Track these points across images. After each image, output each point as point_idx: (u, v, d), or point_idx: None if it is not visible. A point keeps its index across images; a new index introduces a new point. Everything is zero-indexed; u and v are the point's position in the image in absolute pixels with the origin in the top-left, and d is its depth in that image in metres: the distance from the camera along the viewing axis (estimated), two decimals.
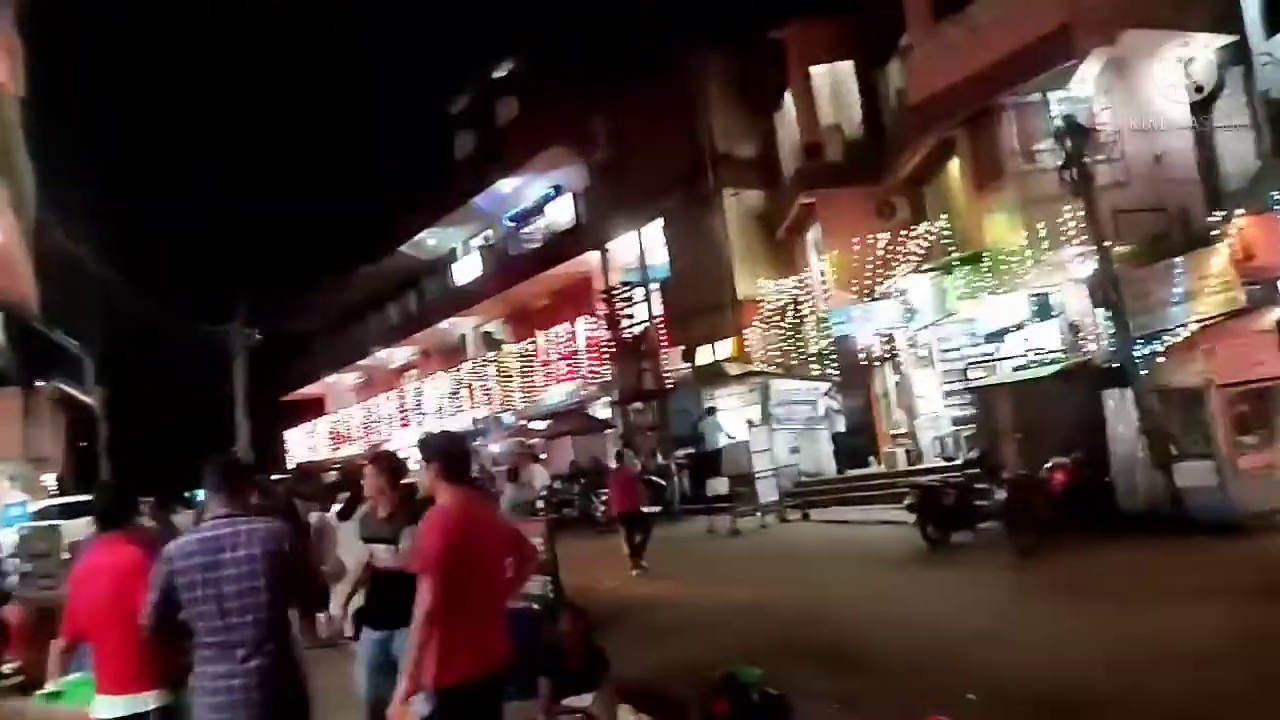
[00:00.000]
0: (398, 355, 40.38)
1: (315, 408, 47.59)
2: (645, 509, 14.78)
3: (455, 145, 34.41)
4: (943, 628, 8.49)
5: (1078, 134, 12.50)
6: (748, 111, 23.09)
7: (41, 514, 17.88)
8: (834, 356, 20.16)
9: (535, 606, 7.26)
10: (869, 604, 9.91)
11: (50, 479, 21.05)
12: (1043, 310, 15.98)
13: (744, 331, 22.34)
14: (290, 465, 40.53)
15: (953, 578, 10.77)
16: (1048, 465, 11.45)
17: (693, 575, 13.24)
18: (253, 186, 74.22)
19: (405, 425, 36.23)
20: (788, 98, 21.31)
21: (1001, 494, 11.65)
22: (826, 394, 20.06)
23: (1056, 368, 13.15)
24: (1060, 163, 12.81)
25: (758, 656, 8.40)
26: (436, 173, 34.06)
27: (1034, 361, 14.91)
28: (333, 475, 25.35)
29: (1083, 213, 12.93)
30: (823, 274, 20.43)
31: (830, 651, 8.15)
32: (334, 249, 40.65)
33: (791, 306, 21.19)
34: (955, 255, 16.77)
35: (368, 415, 39.44)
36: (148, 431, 32.33)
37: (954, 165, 17.74)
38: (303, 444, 45.50)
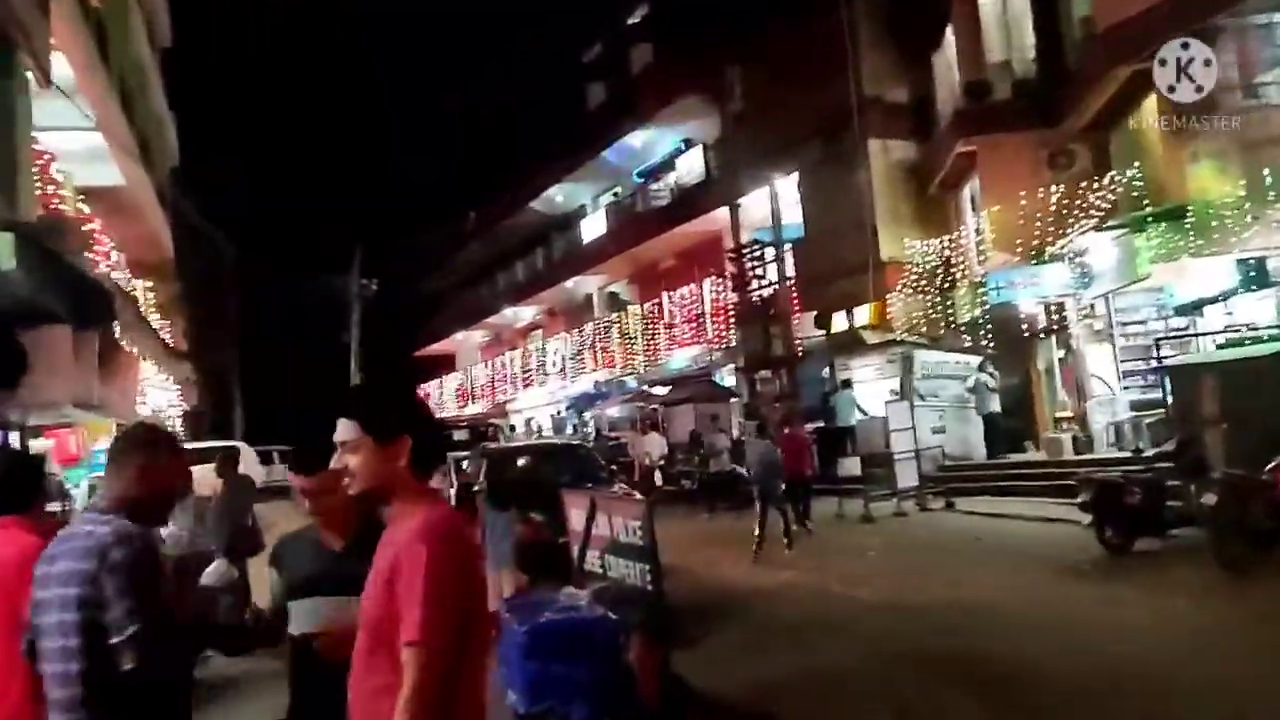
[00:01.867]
0: (524, 313, 39.90)
1: (447, 364, 47.83)
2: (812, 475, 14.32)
3: (587, 96, 33.15)
4: (1128, 656, 6.70)
5: None
6: (901, 51, 20.70)
7: None
8: (989, 326, 17.83)
9: (612, 615, 5.68)
10: (1032, 619, 8.06)
11: (175, 424, 21.03)
12: (1256, 277, 13.34)
13: (886, 297, 20.18)
14: None
15: (1140, 593, 8.71)
16: (1272, 464, 9.14)
17: (820, 565, 11.57)
18: (381, 140, 75.05)
19: (528, 385, 35.70)
20: (948, 33, 18.87)
21: (1208, 495, 9.43)
22: (981, 368, 17.77)
23: None
24: None
25: (894, 674, 6.88)
26: (567, 125, 32.93)
27: (1247, 338, 12.36)
28: (463, 433, 24.89)
29: None
30: (980, 233, 18.11)
31: (983, 675, 6.53)
32: (464, 203, 40.17)
33: (942, 269, 18.89)
34: (1149, 210, 14.23)
35: (493, 373, 39.14)
36: (278, 384, 32.85)
37: (1149, 104, 15.09)
38: (433, 400, 45.88)
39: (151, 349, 13.28)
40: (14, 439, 6.81)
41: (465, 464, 13.07)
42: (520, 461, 12.00)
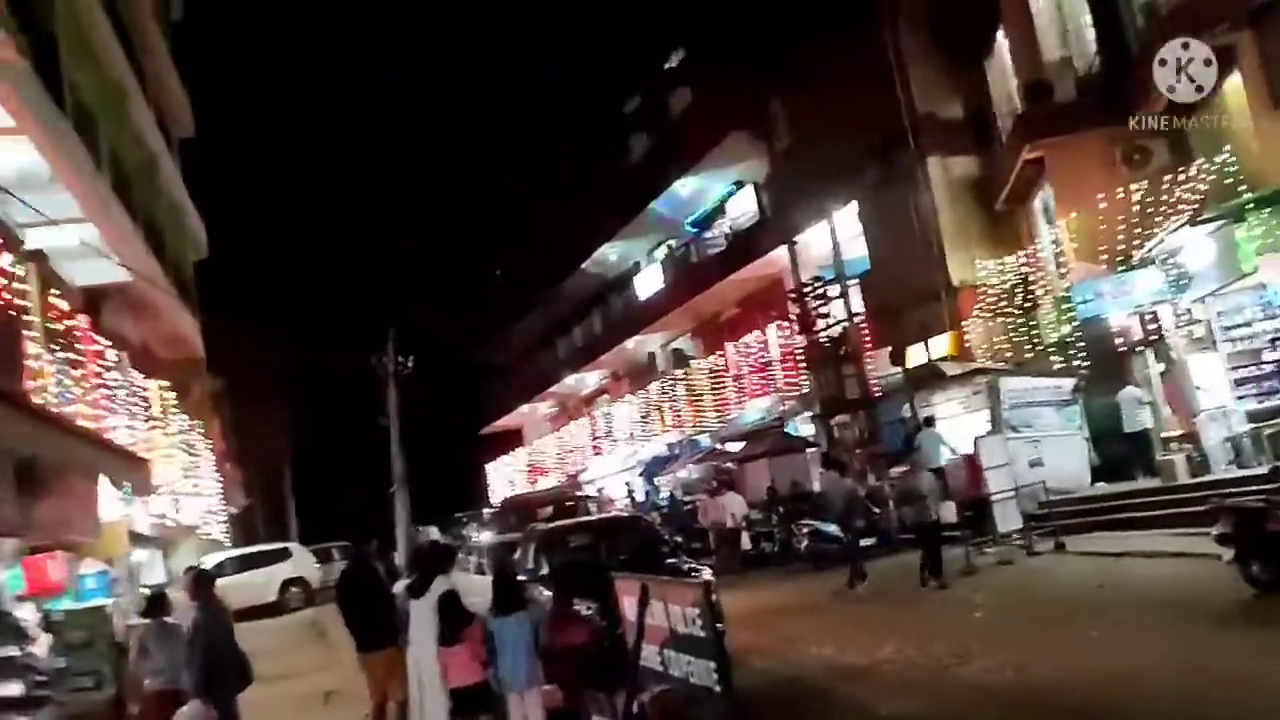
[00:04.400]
0: (588, 380, 39.06)
1: (514, 439, 47.15)
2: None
3: (631, 148, 32.62)
4: None
5: None
6: (951, 62, 19.58)
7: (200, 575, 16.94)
8: (1080, 344, 16.30)
9: None
10: (1191, 692, 6.55)
11: (218, 530, 20.45)
12: None
13: (963, 324, 18.79)
14: (495, 500, 40.00)
15: None
16: None
17: (921, 632, 10.11)
18: (424, 216, 75.69)
19: (598, 453, 34.70)
20: (999, 36, 17.71)
21: None
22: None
23: None
24: None
25: None
26: (614, 181, 32.40)
27: None
28: (548, 509, 23.75)
29: None
30: (1058, 244, 16.70)
31: None
32: (517, 271, 39.92)
33: (1021, 288, 17.50)
34: (1248, 197, 12.71)
35: (562, 444, 38.29)
36: (330, 476, 32.42)
37: (1233, 82, 13.66)
38: (503, 478, 45.15)
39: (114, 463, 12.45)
40: None
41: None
42: (572, 542, 10.87)
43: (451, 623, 7.17)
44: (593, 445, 35.12)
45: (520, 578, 9.60)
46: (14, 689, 8.10)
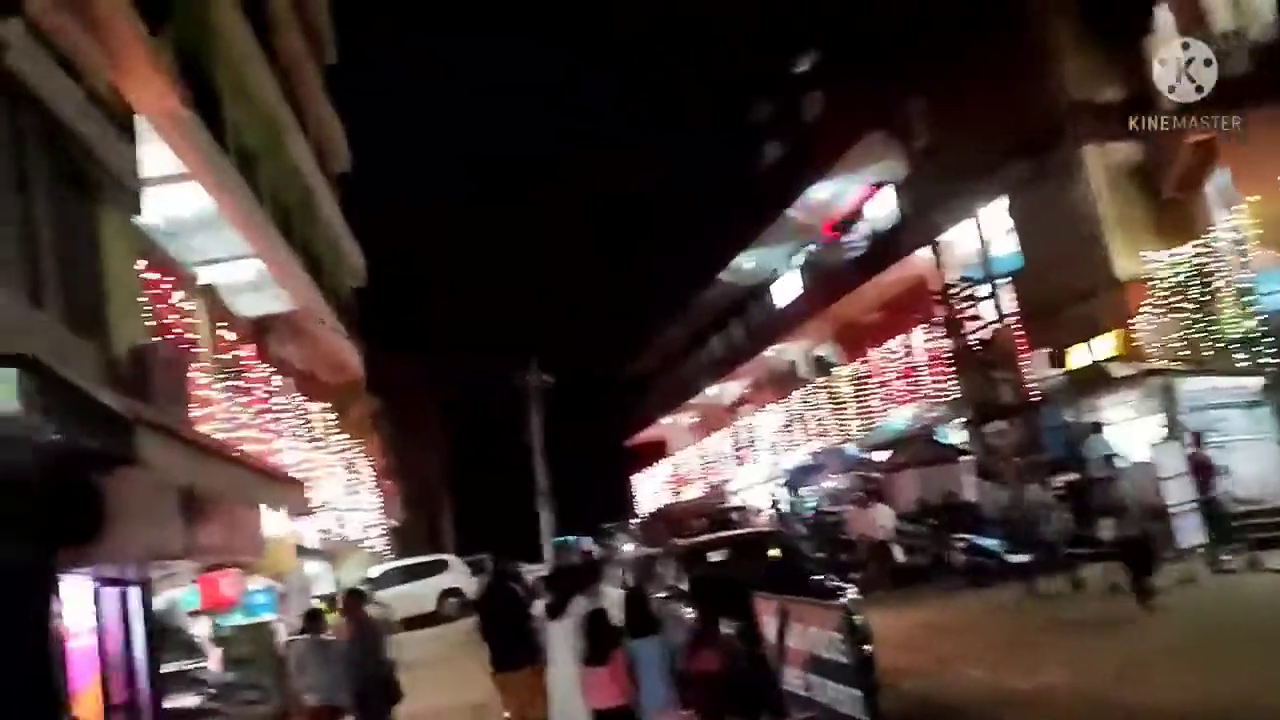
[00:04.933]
0: (729, 390, 38.69)
1: (658, 450, 47.29)
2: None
3: (764, 155, 32.23)
4: None
5: None
6: (1106, 44, 18.31)
7: (367, 584, 17.25)
8: (1269, 339, 14.93)
9: None
10: None
11: (379, 543, 21.13)
12: None
13: (1130, 321, 17.51)
14: (641, 510, 40.20)
15: None
16: None
17: (1091, 656, 9.38)
18: (564, 229, 77.41)
19: (741, 464, 34.26)
20: (1160, 13, 16.45)
21: None
22: None
23: None
24: None
25: None
26: (748, 189, 32.09)
27: None
28: (699, 521, 23.42)
29: None
30: (1237, 231, 15.36)
31: None
32: (656, 285, 40.13)
33: (1196, 280, 16.19)
34: None
35: (703, 455, 38.08)
36: (479, 490, 33.26)
37: None
38: (648, 488, 45.28)
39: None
40: (134, 594, 6.20)
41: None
42: (712, 557, 10.58)
43: (597, 641, 6.92)
44: (735, 455, 34.75)
45: (661, 594, 9.43)
46: (189, 701, 8.47)
